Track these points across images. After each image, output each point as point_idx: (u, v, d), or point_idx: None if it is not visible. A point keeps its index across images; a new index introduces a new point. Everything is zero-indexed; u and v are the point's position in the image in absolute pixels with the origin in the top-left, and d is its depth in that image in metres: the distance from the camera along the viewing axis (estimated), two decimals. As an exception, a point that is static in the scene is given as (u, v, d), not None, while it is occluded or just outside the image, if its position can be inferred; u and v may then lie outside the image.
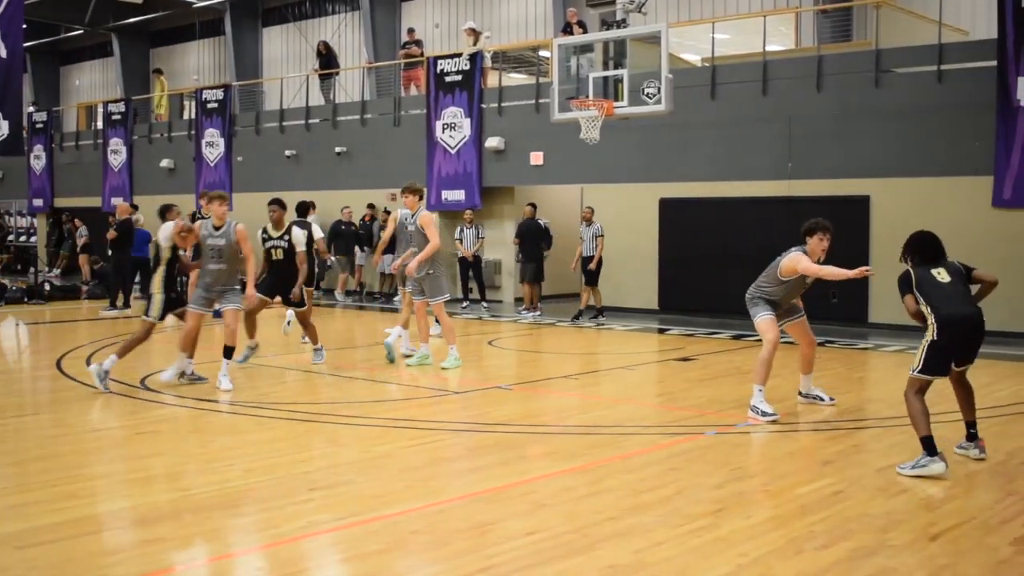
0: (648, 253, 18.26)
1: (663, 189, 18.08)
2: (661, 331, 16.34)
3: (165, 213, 11.75)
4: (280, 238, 11.76)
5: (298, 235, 11.77)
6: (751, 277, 9.26)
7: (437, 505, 6.28)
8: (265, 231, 11.87)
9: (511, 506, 6.23)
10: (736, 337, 14.91)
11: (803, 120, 16.64)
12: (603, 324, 16.68)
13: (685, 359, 12.73)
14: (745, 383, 10.98)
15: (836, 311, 15.92)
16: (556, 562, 5.19)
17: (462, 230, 19.42)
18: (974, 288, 7.44)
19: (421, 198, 12.14)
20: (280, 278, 11.80)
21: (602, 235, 17.16)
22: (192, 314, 10.51)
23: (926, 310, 7.26)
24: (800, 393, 9.86)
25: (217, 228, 10.41)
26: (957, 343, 7.21)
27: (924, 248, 7.51)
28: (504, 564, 5.16)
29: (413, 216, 11.96)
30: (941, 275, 7.35)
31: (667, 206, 18.06)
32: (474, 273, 19.47)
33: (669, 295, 18.12)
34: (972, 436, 7.57)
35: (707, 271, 17.34)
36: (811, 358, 9.63)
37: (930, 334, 7.20)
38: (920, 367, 7.19)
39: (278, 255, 11.78)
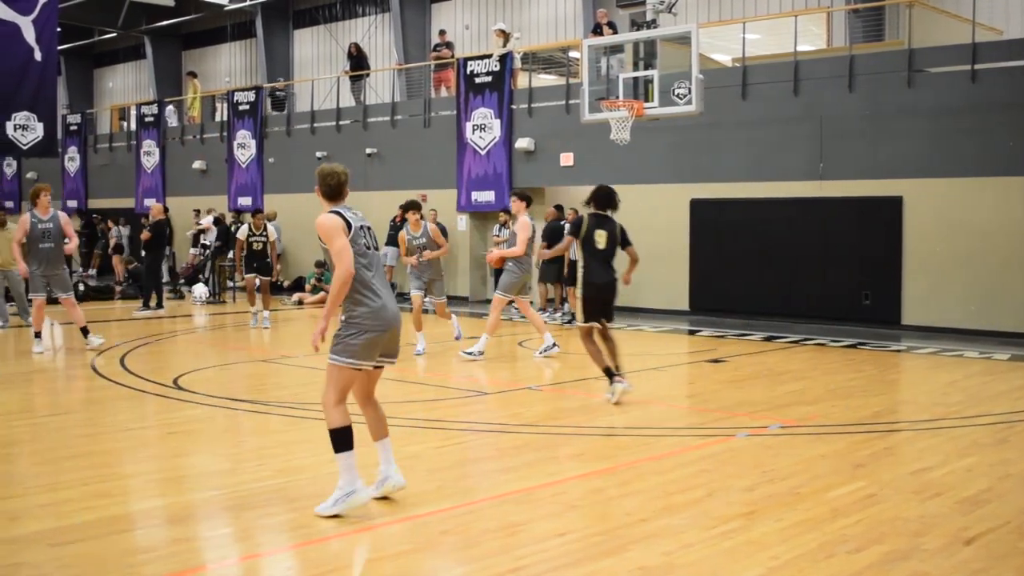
0: (679, 254, 18.18)
1: (694, 190, 18.01)
2: (692, 332, 16.26)
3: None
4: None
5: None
6: (782, 278, 9.20)
7: (467, 506, 6.28)
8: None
9: (541, 507, 6.22)
10: (768, 339, 14.80)
11: (835, 120, 16.52)
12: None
13: (716, 360, 12.66)
14: (778, 385, 10.96)
15: (869, 313, 15.79)
16: (586, 563, 5.17)
17: (500, 229, 19.39)
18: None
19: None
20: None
21: None
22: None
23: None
24: None
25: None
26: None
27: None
28: (534, 565, 5.14)
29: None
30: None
31: (698, 207, 17.98)
32: None
33: (700, 296, 18.03)
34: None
35: (738, 272, 17.24)
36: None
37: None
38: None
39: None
